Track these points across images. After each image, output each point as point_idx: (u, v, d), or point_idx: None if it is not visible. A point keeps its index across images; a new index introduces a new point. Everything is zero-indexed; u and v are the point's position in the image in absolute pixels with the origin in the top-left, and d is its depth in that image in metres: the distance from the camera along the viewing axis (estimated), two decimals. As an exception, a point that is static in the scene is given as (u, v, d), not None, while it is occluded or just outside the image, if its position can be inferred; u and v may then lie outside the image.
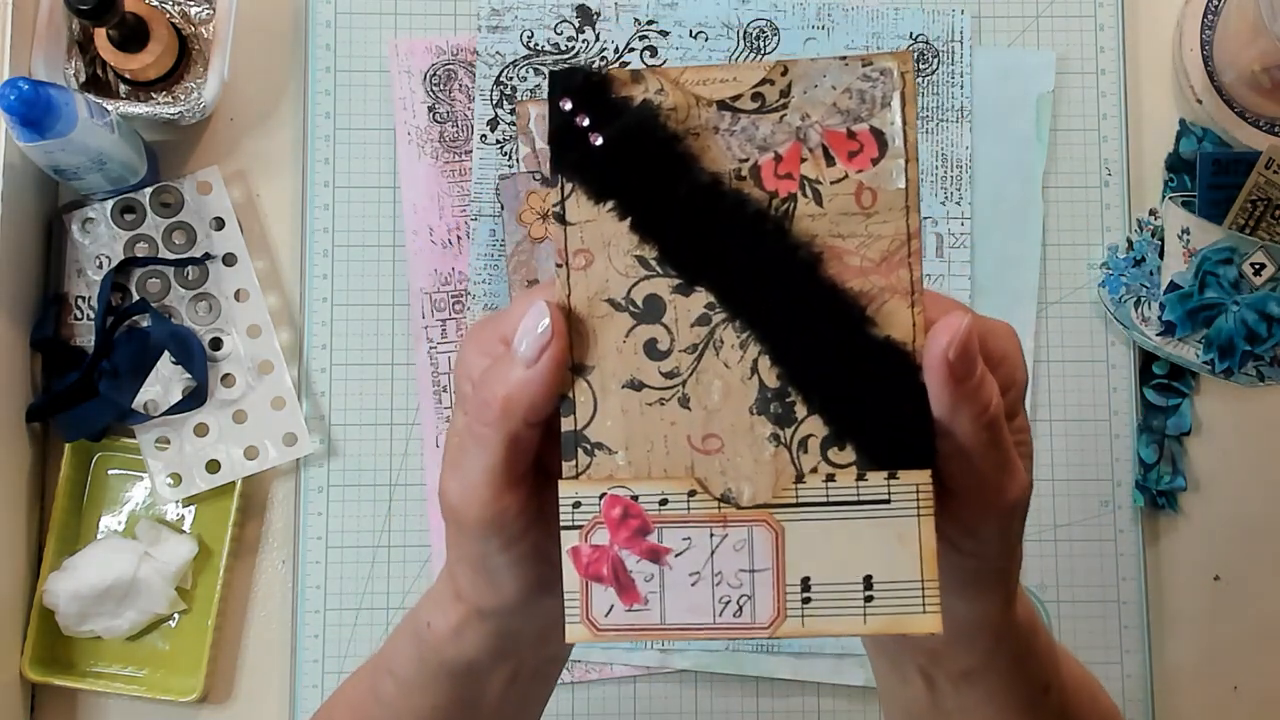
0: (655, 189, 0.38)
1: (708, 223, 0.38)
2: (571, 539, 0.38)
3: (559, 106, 0.38)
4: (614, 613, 0.38)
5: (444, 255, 0.81)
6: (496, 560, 0.42)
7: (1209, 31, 0.84)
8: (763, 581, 0.38)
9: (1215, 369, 0.80)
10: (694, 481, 0.38)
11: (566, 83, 0.38)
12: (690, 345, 0.38)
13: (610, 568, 0.38)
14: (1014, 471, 0.40)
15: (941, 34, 0.84)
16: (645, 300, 0.38)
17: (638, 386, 0.38)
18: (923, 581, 0.38)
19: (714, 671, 0.79)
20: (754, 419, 0.38)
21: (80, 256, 0.79)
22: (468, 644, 0.45)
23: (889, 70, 0.37)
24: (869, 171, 0.38)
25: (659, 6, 0.83)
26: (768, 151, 0.38)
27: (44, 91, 0.67)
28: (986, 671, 0.46)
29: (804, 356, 0.38)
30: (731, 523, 0.38)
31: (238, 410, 0.79)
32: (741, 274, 0.38)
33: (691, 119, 0.38)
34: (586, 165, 0.38)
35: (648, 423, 0.38)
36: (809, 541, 0.38)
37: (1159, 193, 0.84)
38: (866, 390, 0.38)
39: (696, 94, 0.38)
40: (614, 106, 0.38)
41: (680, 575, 0.38)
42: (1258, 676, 0.82)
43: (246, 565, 0.80)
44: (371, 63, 0.83)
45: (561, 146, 0.38)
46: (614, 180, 0.38)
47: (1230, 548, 0.83)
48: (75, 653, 0.78)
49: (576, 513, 0.38)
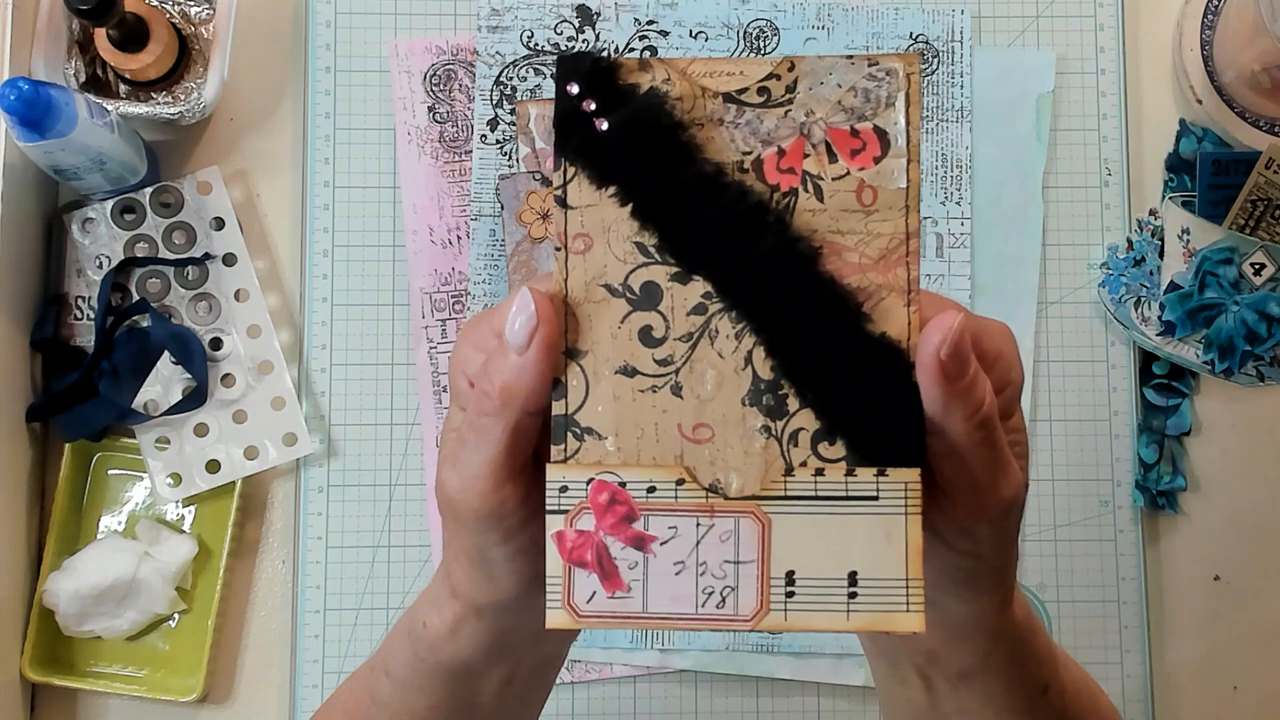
0: (658, 176, 0.38)
1: (708, 212, 0.38)
2: (556, 523, 0.38)
3: (565, 90, 0.38)
4: (596, 599, 0.38)
5: (444, 255, 0.81)
6: (495, 554, 0.42)
7: (1209, 31, 0.84)
8: (747, 574, 0.38)
9: (1215, 369, 0.80)
10: (683, 470, 0.38)
11: (574, 67, 0.38)
12: (685, 334, 0.38)
13: (594, 554, 0.38)
14: (1008, 471, 0.40)
15: (941, 34, 0.84)
16: (643, 287, 0.38)
17: (631, 373, 0.38)
18: (907, 580, 0.38)
19: (714, 671, 0.79)
20: (746, 410, 0.38)
21: (80, 256, 0.79)
22: (464, 642, 0.45)
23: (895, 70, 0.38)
24: (871, 170, 0.38)
25: (659, 6, 0.83)
26: (771, 145, 0.38)
27: (44, 91, 0.67)
28: (984, 672, 0.46)
29: (799, 350, 0.38)
30: (719, 513, 0.38)
31: (238, 410, 0.79)
32: (740, 265, 0.38)
33: (697, 109, 0.38)
34: (590, 150, 0.38)
35: (639, 409, 0.38)
36: (795, 535, 0.38)
37: (1159, 193, 0.84)
38: (859, 386, 0.38)
39: (703, 85, 0.38)
40: (620, 93, 0.38)
41: (664, 564, 0.38)
42: (1258, 676, 0.82)
43: (246, 565, 0.80)
44: (371, 63, 0.83)
45: (566, 130, 0.38)
46: (617, 166, 0.38)
47: (1230, 548, 0.83)
48: (75, 653, 0.78)
49: (563, 497, 0.38)
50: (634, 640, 0.79)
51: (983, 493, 0.39)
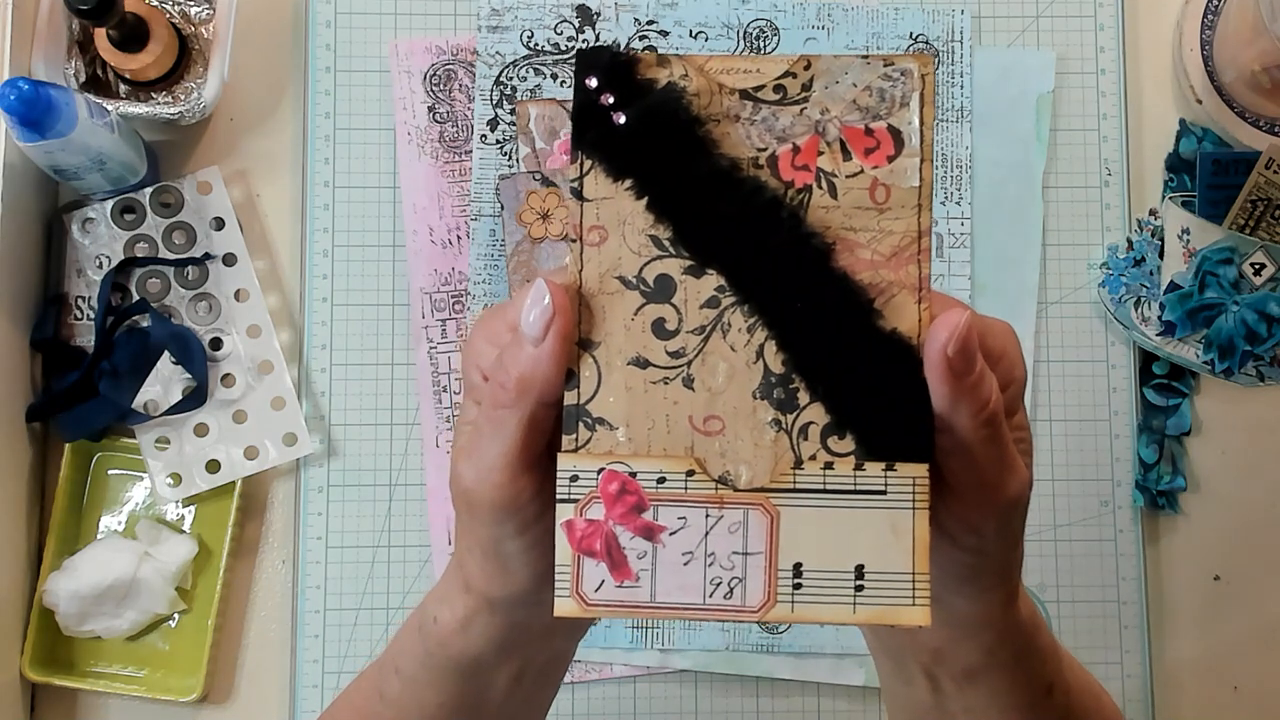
0: (674, 171, 0.39)
1: (723, 207, 0.39)
2: (566, 512, 0.39)
3: (584, 84, 0.39)
4: (604, 588, 0.38)
5: (444, 255, 0.81)
6: (509, 546, 0.42)
7: (1209, 31, 0.84)
8: (755, 565, 0.38)
9: (1215, 369, 0.80)
10: (693, 461, 0.39)
11: (593, 61, 0.39)
12: (698, 326, 0.39)
13: (603, 543, 0.38)
14: (1014, 468, 0.40)
15: (941, 34, 0.84)
16: (656, 280, 0.39)
17: (643, 364, 0.39)
18: (913, 574, 0.38)
19: (714, 671, 0.79)
20: (757, 403, 0.39)
21: (80, 256, 0.79)
22: (475, 636, 0.45)
23: (910, 71, 0.38)
24: (884, 168, 0.38)
25: (659, 6, 0.83)
26: (786, 142, 0.39)
27: (44, 91, 0.67)
28: (989, 670, 0.46)
29: (810, 344, 0.38)
30: (728, 504, 0.38)
31: (238, 410, 0.79)
32: (753, 259, 0.38)
33: (714, 106, 0.39)
34: (607, 143, 0.39)
35: (650, 401, 0.39)
36: (804, 528, 0.38)
37: (1159, 193, 0.84)
38: (870, 381, 0.38)
39: (720, 82, 0.39)
40: (638, 87, 0.39)
41: (673, 554, 0.38)
42: (1258, 676, 0.82)
43: (246, 565, 0.80)
44: (371, 63, 0.83)
45: (584, 123, 0.39)
46: (633, 159, 0.39)
47: (1230, 548, 0.83)
48: (75, 653, 0.78)
49: (573, 486, 0.39)
50: (634, 640, 0.79)
51: (988, 489, 0.40)
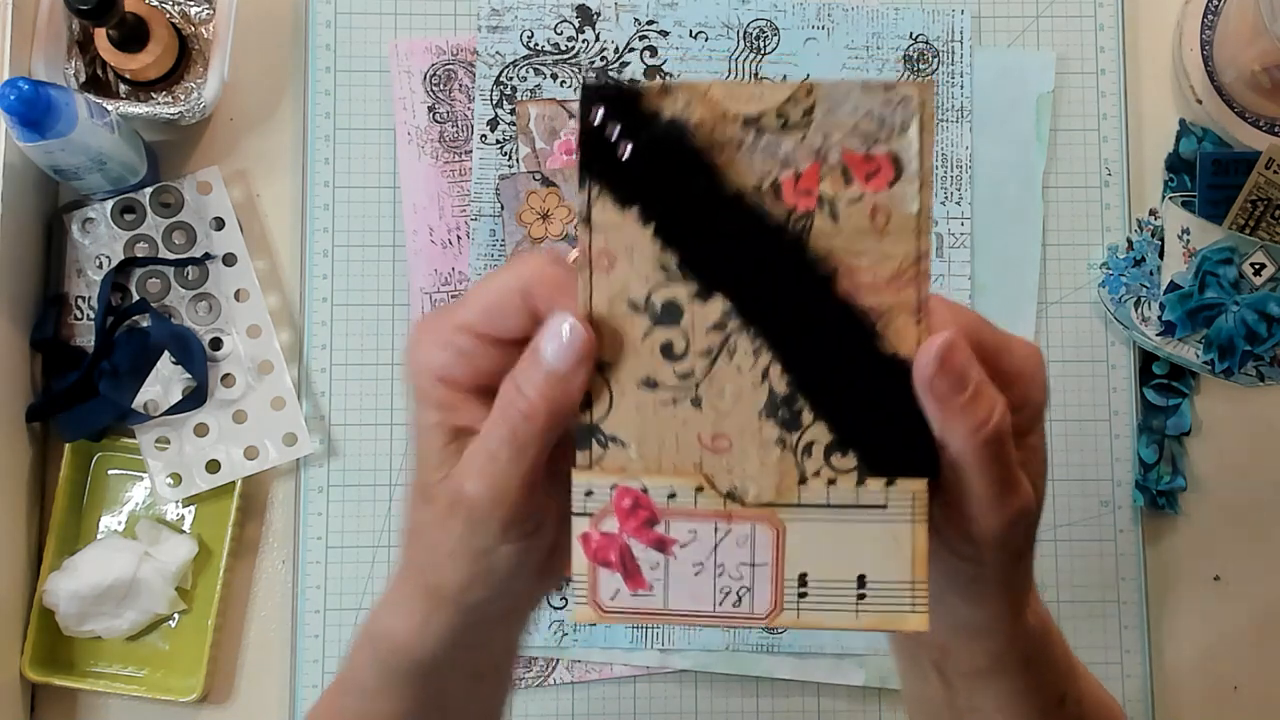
0: (680, 199, 0.39)
1: (728, 234, 0.39)
2: (582, 525, 0.40)
3: (589, 115, 0.39)
4: (619, 596, 0.40)
5: (444, 255, 0.81)
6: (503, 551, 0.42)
7: (1209, 31, 0.84)
8: (762, 575, 0.40)
9: (1215, 369, 0.81)
10: (702, 478, 0.40)
11: (599, 93, 0.39)
12: (705, 349, 0.40)
13: (618, 554, 0.40)
14: (1015, 488, 0.40)
15: (941, 34, 0.84)
16: (664, 305, 0.40)
17: (653, 385, 0.40)
18: (913, 583, 0.40)
19: (714, 671, 0.79)
20: (762, 422, 0.40)
21: (80, 256, 0.79)
22: (432, 637, 0.44)
23: (909, 98, 0.39)
24: (884, 193, 0.39)
25: (659, 6, 0.83)
26: (789, 168, 0.39)
27: (44, 91, 0.67)
28: (997, 673, 0.46)
29: (813, 366, 0.40)
30: (736, 519, 0.40)
31: (238, 410, 0.79)
32: (758, 284, 0.39)
33: (718, 133, 0.39)
34: (614, 172, 0.39)
35: (660, 420, 0.40)
36: (808, 540, 0.40)
37: (1159, 193, 0.84)
38: (870, 402, 0.39)
39: (724, 109, 0.39)
40: (644, 117, 0.39)
41: (684, 565, 0.40)
42: (1258, 676, 0.82)
43: (246, 565, 0.80)
44: (371, 63, 0.83)
45: (591, 152, 0.39)
46: (640, 188, 0.39)
47: (1230, 548, 0.83)
48: (75, 653, 0.78)
49: (588, 501, 0.40)
50: (634, 640, 0.79)
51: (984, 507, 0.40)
